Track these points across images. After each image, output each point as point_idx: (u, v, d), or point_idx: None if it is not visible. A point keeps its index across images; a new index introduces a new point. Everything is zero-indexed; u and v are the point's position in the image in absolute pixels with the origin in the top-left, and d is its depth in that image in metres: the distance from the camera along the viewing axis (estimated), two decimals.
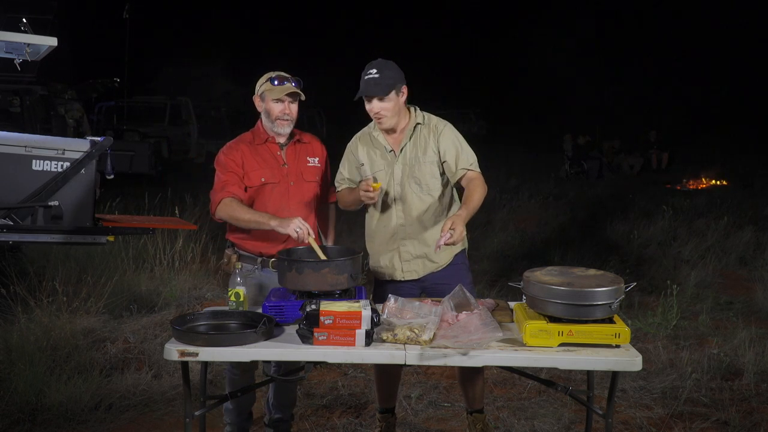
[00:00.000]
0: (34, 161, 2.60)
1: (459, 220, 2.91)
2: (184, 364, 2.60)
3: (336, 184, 3.38)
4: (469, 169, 3.15)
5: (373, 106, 3.11)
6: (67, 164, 2.63)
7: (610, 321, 2.54)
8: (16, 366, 3.97)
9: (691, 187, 13.97)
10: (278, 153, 3.26)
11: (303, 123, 3.25)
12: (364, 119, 3.28)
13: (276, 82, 3.17)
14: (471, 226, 3.96)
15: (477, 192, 3.08)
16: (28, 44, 2.91)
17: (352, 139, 3.34)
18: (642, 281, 6.45)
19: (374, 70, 3.08)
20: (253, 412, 3.49)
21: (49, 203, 2.59)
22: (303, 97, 3.22)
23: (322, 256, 2.92)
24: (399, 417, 3.63)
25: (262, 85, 3.22)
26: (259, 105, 3.26)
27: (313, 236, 2.97)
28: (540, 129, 25.31)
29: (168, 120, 16.49)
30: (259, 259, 3.23)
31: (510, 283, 2.84)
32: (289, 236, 3.01)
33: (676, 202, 10.70)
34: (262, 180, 3.19)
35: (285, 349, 2.51)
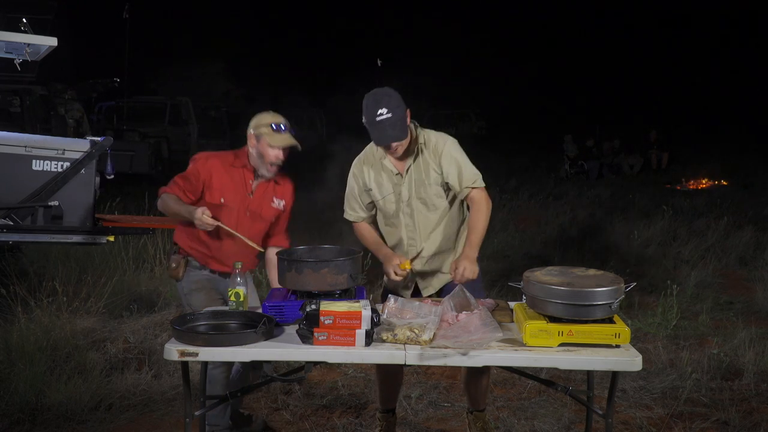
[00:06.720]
0: (34, 161, 2.61)
1: (464, 261, 2.96)
2: (184, 364, 2.61)
3: (350, 219, 3.29)
4: (473, 187, 3.10)
5: (391, 146, 3.01)
6: (67, 164, 2.64)
7: (610, 321, 2.54)
8: (16, 366, 3.98)
9: (691, 187, 13.95)
10: (250, 181, 3.26)
11: (303, 124, 3.23)
12: (363, 119, 3.25)
13: (276, 128, 3.17)
14: None
15: (480, 220, 3.06)
16: (28, 44, 2.91)
17: (355, 164, 3.24)
18: (642, 281, 6.45)
19: (384, 110, 2.91)
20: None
21: (49, 203, 2.60)
22: (299, 148, 3.24)
23: (258, 248, 3.19)
24: (399, 417, 3.63)
25: (260, 127, 3.20)
26: (251, 143, 3.23)
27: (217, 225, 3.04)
28: (540, 129, 25.29)
29: (168, 120, 16.43)
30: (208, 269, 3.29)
31: (510, 283, 2.84)
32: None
33: (676, 202, 10.70)
34: (221, 200, 3.20)
35: (285, 349, 2.52)
